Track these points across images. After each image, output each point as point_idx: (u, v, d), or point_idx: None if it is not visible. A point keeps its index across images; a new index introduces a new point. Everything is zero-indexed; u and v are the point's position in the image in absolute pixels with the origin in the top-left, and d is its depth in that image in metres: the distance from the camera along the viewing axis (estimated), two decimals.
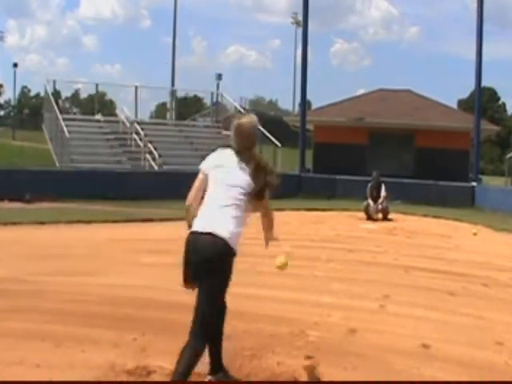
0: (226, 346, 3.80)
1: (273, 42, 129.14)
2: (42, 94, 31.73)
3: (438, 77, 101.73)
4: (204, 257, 3.29)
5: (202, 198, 3.53)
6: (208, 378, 3.68)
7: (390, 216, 14.38)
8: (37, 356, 3.95)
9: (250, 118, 3.62)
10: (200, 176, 3.55)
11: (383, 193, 14.46)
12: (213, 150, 3.67)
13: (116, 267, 7.29)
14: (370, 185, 14.74)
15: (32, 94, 76.25)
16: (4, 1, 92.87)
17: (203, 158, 3.65)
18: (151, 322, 4.86)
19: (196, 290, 3.36)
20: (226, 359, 3.78)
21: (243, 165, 3.46)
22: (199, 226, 3.38)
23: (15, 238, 9.56)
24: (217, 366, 3.67)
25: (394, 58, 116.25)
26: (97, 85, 26.93)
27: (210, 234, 3.32)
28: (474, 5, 20.72)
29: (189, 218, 3.49)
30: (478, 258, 9.05)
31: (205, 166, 3.56)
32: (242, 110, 24.86)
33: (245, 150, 3.51)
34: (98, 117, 24.76)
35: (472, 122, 21.13)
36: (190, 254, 3.36)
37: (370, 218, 14.21)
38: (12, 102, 66.82)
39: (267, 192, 3.52)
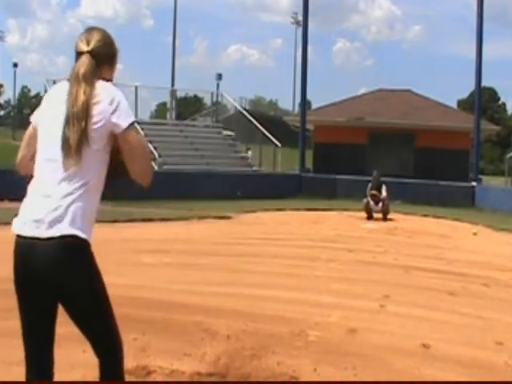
0: (226, 346, 3.80)
1: (274, 41, 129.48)
2: (42, 93, 31.75)
3: (438, 77, 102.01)
4: None
5: None
6: None
7: (390, 216, 14.38)
8: None
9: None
10: None
11: (384, 192, 14.45)
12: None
13: (116, 267, 7.26)
14: (370, 185, 14.70)
15: (32, 93, 76.38)
16: (4, 0, 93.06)
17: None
18: (151, 322, 4.85)
19: None
20: (226, 359, 3.78)
21: None
22: None
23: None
24: None
25: (396, 58, 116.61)
26: None
27: None
28: (475, 5, 20.69)
29: None
30: (478, 257, 9.04)
31: None
32: (242, 110, 24.88)
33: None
34: None
35: (472, 122, 21.13)
36: None
37: (370, 216, 14.21)
38: (12, 102, 66.89)
39: None
